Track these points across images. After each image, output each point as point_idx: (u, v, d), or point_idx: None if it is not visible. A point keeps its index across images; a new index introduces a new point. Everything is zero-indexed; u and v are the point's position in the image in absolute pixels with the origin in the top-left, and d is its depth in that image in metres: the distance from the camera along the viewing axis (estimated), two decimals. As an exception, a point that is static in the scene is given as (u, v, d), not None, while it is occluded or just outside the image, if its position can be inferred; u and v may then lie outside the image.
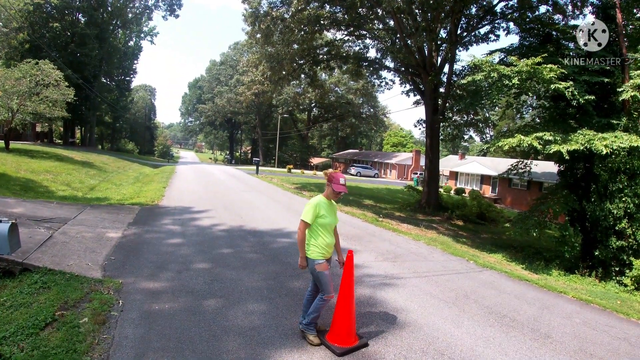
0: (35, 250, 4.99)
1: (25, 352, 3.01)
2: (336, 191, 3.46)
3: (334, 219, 3.58)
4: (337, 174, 3.49)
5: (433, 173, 17.35)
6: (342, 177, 3.47)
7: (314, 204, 3.45)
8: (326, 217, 3.46)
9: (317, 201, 3.48)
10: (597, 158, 8.58)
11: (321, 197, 3.56)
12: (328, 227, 3.49)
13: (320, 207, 3.46)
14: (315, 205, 3.45)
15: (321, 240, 3.45)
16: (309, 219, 3.41)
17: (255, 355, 3.29)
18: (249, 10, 17.03)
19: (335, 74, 38.15)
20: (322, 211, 3.46)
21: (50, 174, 14.21)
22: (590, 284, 7.98)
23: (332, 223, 3.54)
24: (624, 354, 4.05)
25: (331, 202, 3.60)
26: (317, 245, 3.45)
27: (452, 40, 15.47)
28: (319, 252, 3.45)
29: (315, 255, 3.44)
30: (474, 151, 63.62)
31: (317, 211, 3.43)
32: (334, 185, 3.45)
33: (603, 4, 9.93)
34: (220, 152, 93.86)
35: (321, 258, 3.44)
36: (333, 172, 3.52)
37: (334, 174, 3.50)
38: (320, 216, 3.44)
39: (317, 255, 3.44)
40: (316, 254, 3.44)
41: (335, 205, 3.73)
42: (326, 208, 3.49)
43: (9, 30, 28.30)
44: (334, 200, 3.61)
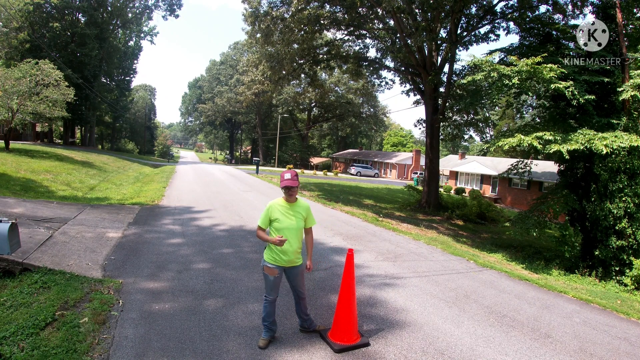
0: (35, 250, 4.99)
1: (25, 352, 3.01)
2: (282, 187, 3.28)
3: (295, 222, 3.33)
4: (284, 172, 3.32)
5: (433, 173, 17.35)
6: (288, 173, 3.29)
7: (266, 207, 3.35)
8: (280, 222, 3.29)
9: (269, 205, 3.36)
10: (597, 158, 8.57)
11: (276, 200, 3.39)
12: (285, 232, 3.27)
13: (272, 210, 3.32)
14: (267, 209, 3.34)
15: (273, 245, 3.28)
16: (261, 222, 3.34)
17: (255, 355, 3.29)
18: (249, 10, 17.03)
19: (335, 73, 38.15)
20: (275, 215, 3.30)
21: (50, 174, 14.21)
22: (591, 284, 7.97)
23: (290, 227, 3.30)
24: (624, 353, 4.05)
25: (293, 205, 3.36)
26: (270, 248, 3.36)
27: (452, 40, 15.46)
28: (270, 256, 3.35)
29: (267, 257, 3.37)
30: (474, 151, 63.61)
31: (268, 215, 3.31)
32: (280, 183, 3.30)
33: (603, 4, 9.92)
34: (220, 152, 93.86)
35: (270, 262, 3.33)
36: (283, 172, 3.35)
37: (282, 173, 3.33)
38: (274, 220, 3.30)
39: (268, 257, 3.36)
40: (267, 256, 3.37)
41: (304, 206, 3.43)
42: (282, 211, 3.31)
43: (9, 30, 28.30)
44: (290, 200, 3.35)
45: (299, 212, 3.37)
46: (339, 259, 6.43)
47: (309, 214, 3.45)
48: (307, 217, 3.44)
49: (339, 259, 6.47)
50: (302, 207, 3.41)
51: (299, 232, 3.35)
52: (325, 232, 8.61)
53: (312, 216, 3.51)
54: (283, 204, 3.34)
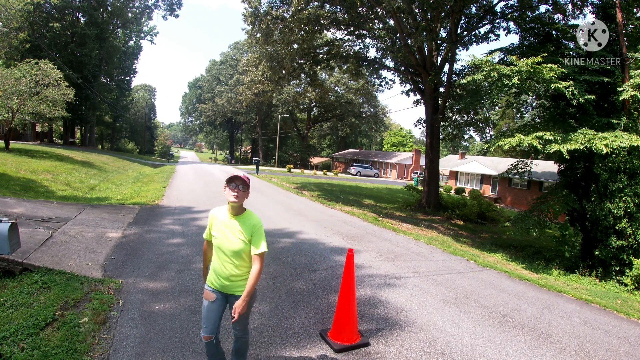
0: (35, 250, 4.99)
1: (25, 352, 3.01)
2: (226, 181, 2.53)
3: (232, 243, 2.51)
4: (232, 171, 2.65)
5: (433, 173, 17.34)
6: (240, 172, 2.61)
7: (209, 215, 2.68)
8: (215, 239, 2.57)
9: (210, 212, 2.67)
10: (597, 157, 8.57)
11: (221, 207, 2.67)
12: (221, 250, 2.55)
13: (212, 219, 2.63)
14: (209, 217, 2.67)
15: (214, 261, 2.62)
16: (205, 234, 2.72)
17: (256, 354, 3.29)
18: (249, 10, 17.02)
19: (335, 73, 38.13)
20: (214, 226, 2.60)
21: (50, 174, 14.21)
22: (591, 284, 7.97)
23: (224, 248, 2.53)
24: (624, 353, 4.05)
25: (237, 220, 2.54)
26: (209, 267, 2.70)
27: (452, 40, 15.45)
28: (208, 277, 2.68)
29: (206, 278, 2.71)
30: (474, 151, 63.62)
31: (210, 225, 2.64)
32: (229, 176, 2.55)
33: (603, 4, 9.92)
34: (220, 152, 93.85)
35: (207, 283, 2.67)
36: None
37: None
38: (211, 231, 2.62)
39: (206, 279, 2.70)
40: (206, 277, 2.71)
41: (250, 224, 2.54)
42: (221, 223, 2.56)
43: (9, 30, 28.30)
44: (233, 210, 2.53)
45: (242, 230, 2.51)
46: (339, 259, 6.43)
47: (256, 234, 2.51)
48: (252, 239, 2.52)
49: (339, 258, 6.47)
50: (247, 224, 2.52)
51: (238, 257, 2.52)
52: (325, 232, 8.61)
53: (262, 239, 2.53)
54: (222, 215, 2.59)
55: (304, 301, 4.52)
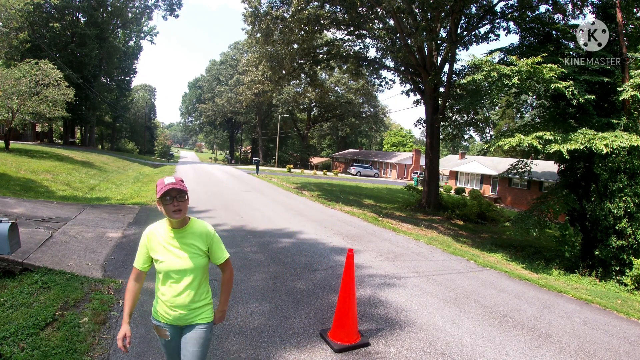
0: (35, 250, 5.00)
1: (25, 352, 3.01)
2: (160, 197, 1.98)
3: (186, 260, 2.05)
4: (161, 179, 2.06)
5: (433, 172, 17.34)
6: (167, 178, 2.04)
7: (142, 237, 2.12)
8: (161, 262, 2.05)
9: (145, 233, 2.12)
10: (597, 157, 8.57)
11: (157, 224, 2.14)
12: (173, 274, 2.05)
13: (149, 241, 2.09)
14: (142, 239, 2.11)
15: (157, 291, 2.12)
16: (136, 262, 2.13)
17: (256, 354, 3.29)
18: (249, 10, 17.03)
19: (335, 73, 38.15)
20: (154, 248, 2.07)
21: (50, 174, 14.21)
22: (591, 284, 7.97)
23: (179, 269, 2.04)
24: (624, 353, 4.05)
25: (184, 231, 2.08)
26: (156, 298, 2.15)
27: (452, 40, 15.45)
28: (155, 309, 2.15)
29: (153, 312, 2.17)
30: (474, 151, 63.62)
31: (145, 248, 2.10)
32: (161, 192, 1.98)
33: (603, 4, 9.92)
34: (220, 152, 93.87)
35: (155, 318, 2.15)
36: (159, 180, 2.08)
37: (159, 180, 2.07)
38: (153, 254, 2.09)
39: (154, 312, 2.16)
40: (153, 311, 2.17)
41: (202, 232, 2.12)
42: (165, 242, 2.06)
43: (9, 30, 28.30)
44: (177, 223, 2.05)
45: (193, 242, 2.08)
46: (339, 259, 6.44)
47: (213, 242, 2.15)
48: (212, 249, 2.16)
49: (339, 258, 6.47)
50: (198, 233, 2.11)
51: (196, 276, 2.09)
52: (325, 232, 8.62)
53: (220, 246, 2.19)
54: (163, 230, 2.09)
55: (304, 301, 4.52)
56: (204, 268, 2.13)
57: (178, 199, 2.00)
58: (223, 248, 2.21)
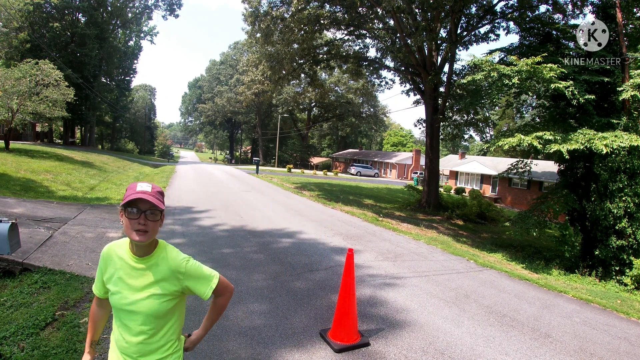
0: (35, 250, 5.00)
1: (25, 352, 3.01)
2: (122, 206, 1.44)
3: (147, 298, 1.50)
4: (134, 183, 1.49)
5: (433, 172, 17.34)
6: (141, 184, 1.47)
7: (100, 256, 1.60)
8: (116, 294, 1.52)
9: (103, 252, 1.58)
10: (597, 157, 8.57)
11: (118, 242, 1.59)
12: (124, 313, 1.52)
13: (106, 262, 1.57)
14: (100, 259, 1.60)
15: (114, 329, 1.60)
16: (94, 285, 1.67)
17: (256, 354, 3.29)
18: (249, 10, 17.03)
19: (335, 73, 38.14)
20: (107, 272, 1.56)
21: (50, 174, 14.21)
22: (591, 284, 7.97)
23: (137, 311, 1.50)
24: (624, 353, 4.05)
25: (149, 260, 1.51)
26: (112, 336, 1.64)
27: (452, 40, 15.45)
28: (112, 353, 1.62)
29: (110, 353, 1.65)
30: (474, 151, 63.62)
31: (101, 271, 1.59)
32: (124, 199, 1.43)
33: (603, 4, 9.91)
34: (220, 152, 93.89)
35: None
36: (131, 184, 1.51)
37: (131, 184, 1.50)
38: (107, 283, 1.56)
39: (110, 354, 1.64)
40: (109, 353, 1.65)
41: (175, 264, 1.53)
42: (123, 269, 1.52)
43: (9, 30, 28.30)
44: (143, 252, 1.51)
45: (157, 280, 1.52)
46: (339, 259, 6.44)
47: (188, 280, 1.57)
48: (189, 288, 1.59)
49: (339, 258, 6.47)
50: (166, 268, 1.53)
51: (155, 322, 1.54)
52: (325, 232, 8.61)
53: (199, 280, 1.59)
54: (122, 252, 1.55)
55: (304, 301, 4.52)
56: (168, 313, 1.57)
57: (148, 215, 1.43)
58: (206, 277, 1.60)
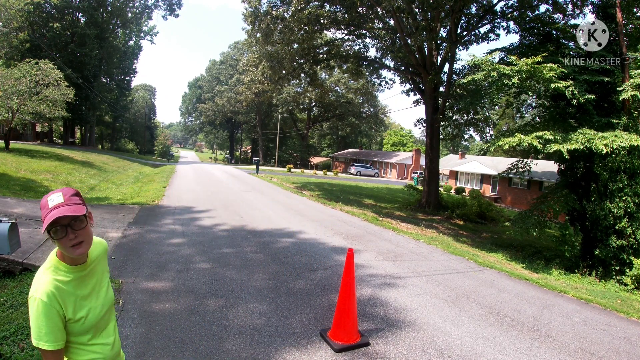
0: (35, 250, 5.00)
1: (25, 352, 3.01)
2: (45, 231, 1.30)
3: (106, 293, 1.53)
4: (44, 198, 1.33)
5: (433, 172, 17.34)
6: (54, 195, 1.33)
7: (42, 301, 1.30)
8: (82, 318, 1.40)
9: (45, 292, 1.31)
10: (597, 157, 8.57)
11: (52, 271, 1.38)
12: (100, 321, 1.48)
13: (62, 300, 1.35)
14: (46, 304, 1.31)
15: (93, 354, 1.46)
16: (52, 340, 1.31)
17: (256, 354, 3.29)
18: (249, 10, 17.02)
19: (335, 73, 38.12)
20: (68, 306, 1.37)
21: (51, 174, 14.21)
22: (591, 283, 7.97)
23: (101, 312, 1.48)
24: (624, 353, 4.05)
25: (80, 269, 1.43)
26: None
27: (452, 40, 15.45)
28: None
29: None
30: (474, 150, 63.63)
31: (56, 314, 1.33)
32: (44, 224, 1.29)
33: (603, 3, 9.91)
34: (220, 152, 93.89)
35: None
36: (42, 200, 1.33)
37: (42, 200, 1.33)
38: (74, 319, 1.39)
39: None
40: None
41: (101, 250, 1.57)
42: (72, 291, 1.39)
43: (9, 30, 28.30)
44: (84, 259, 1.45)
45: (102, 267, 1.56)
46: (339, 259, 6.44)
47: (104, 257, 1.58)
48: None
49: (339, 258, 6.47)
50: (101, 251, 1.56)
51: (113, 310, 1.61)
52: (325, 232, 8.62)
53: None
54: (69, 271, 1.40)
55: (304, 301, 4.52)
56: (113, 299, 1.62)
57: (73, 226, 1.32)
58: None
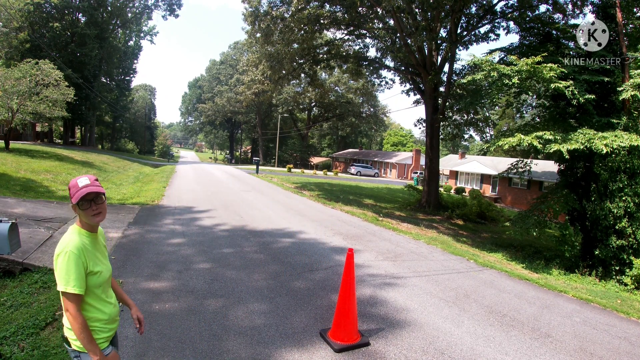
0: (35, 250, 5.00)
1: (25, 351, 3.01)
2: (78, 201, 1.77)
3: (108, 263, 2.00)
4: (74, 180, 1.83)
5: (433, 172, 17.34)
6: (82, 178, 1.84)
7: (73, 253, 1.75)
8: (100, 266, 1.87)
9: (76, 246, 1.77)
10: (597, 157, 8.57)
11: (77, 234, 1.83)
12: (106, 285, 1.95)
13: (85, 255, 1.79)
14: (77, 255, 1.75)
15: (98, 313, 1.86)
16: (76, 285, 1.72)
17: (256, 354, 3.29)
18: (249, 10, 17.02)
19: (335, 73, 38.12)
20: (90, 260, 1.82)
21: (51, 174, 14.20)
22: (591, 283, 7.97)
23: (110, 274, 1.98)
24: (624, 353, 4.05)
25: (95, 237, 1.92)
26: (97, 324, 1.86)
27: (452, 40, 15.45)
28: (101, 337, 1.87)
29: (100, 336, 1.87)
30: (474, 150, 63.63)
31: (83, 263, 1.77)
32: (77, 197, 1.76)
33: (603, 3, 9.91)
34: (220, 152, 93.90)
35: (106, 345, 1.89)
36: (71, 182, 1.84)
37: (71, 182, 1.83)
38: (94, 272, 1.83)
39: (102, 340, 1.87)
40: (100, 335, 1.87)
41: (102, 235, 2.05)
42: (92, 251, 1.86)
43: (9, 30, 28.30)
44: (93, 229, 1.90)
45: (103, 242, 2.05)
46: (339, 259, 6.44)
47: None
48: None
49: (339, 258, 6.47)
50: (101, 232, 2.05)
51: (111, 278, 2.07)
52: (325, 232, 8.61)
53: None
54: (87, 239, 1.86)
55: (304, 301, 4.53)
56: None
57: (96, 201, 1.84)
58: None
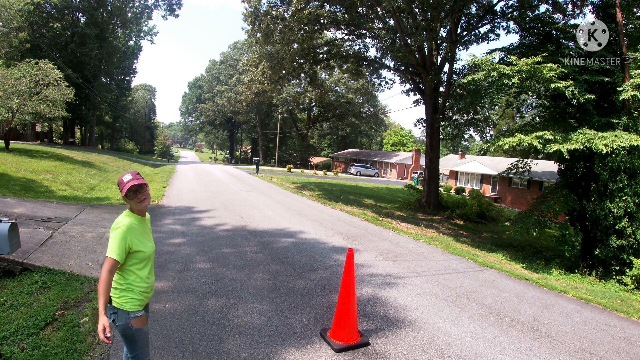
0: (35, 250, 5.00)
1: (25, 351, 3.01)
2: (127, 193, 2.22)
3: (152, 243, 2.41)
4: (120, 177, 2.30)
5: (433, 172, 17.34)
6: (126, 175, 2.28)
7: (122, 230, 2.21)
8: (143, 246, 2.30)
9: (126, 225, 2.23)
10: (597, 157, 8.57)
11: (129, 216, 2.31)
12: (148, 260, 2.37)
13: (132, 233, 2.24)
14: (124, 232, 2.20)
15: (138, 281, 2.29)
16: (117, 254, 2.16)
17: (256, 354, 3.29)
18: (249, 10, 17.02)
19: (335, 73, 38.14)
20: (135, 239, 2.26)
21: (51, 174, 14.20)
22: (591, 283, 7.97)
23: (153, 251, 2.40)
24: (624, 353, 4.05)
25: (143, 220, 2.38)
26: (133, 289, 2.26)
27: (452, 40, 15.44)
28: (137, 300, 2.28)
29: (131, 305, 2.25)
30: (474, 150, 63.62)
31: (128, 241, 2.22)
32: (124, 190, 2.22)
33: (603, 3, 9.91)
34: (220, 152, 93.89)
35: (139, 308, 2.29)
36: (119, 179, 2.31)
37: (119, 179, 2.30)
38: (135, 250, 2.26)
39: (134, 305, 2.26)
40: (132, 304, 2.25)
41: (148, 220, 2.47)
42: (140, 232, 2.32)
43: (9, 30, 28.28)
44: (143, 213, 2.39)
45: (150, 230, 2.47)
46: (339, 259, 6.44)
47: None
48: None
49: (339, 258, 6.47)
50: (148, 218, 2.48)
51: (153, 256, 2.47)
52: (325, 232, 8.61)
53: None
54: (136, 221, 2.32)
55: (304, 301, 4.53)
56: None
57: (140, 191, 2.28)
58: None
